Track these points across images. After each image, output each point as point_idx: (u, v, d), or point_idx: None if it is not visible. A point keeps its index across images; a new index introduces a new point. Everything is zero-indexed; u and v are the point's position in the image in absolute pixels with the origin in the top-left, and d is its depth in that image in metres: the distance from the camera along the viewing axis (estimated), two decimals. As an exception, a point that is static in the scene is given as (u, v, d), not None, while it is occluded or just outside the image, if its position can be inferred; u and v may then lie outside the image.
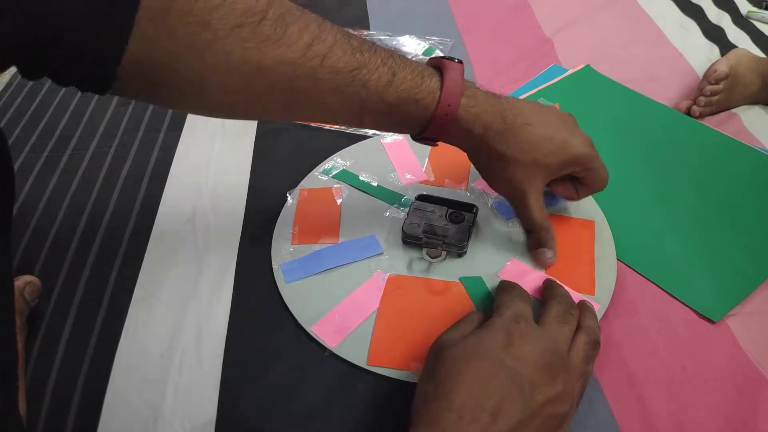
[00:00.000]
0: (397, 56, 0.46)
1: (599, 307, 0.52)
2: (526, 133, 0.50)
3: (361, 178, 0.65)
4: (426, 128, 0.48)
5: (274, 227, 0.61)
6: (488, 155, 0.50)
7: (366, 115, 0.46)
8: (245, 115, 0.48)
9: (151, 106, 0.80)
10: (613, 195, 0.62)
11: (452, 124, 0.47)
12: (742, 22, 0.92)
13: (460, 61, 0.48)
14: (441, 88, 0.46)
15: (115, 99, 0.82)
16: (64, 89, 0.84)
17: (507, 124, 0.49)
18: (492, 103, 0.49)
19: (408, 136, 0.51)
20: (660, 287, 0.55)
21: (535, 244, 0.55)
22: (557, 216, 0.60)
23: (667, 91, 0.78)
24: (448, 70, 0.47)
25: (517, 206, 0.54)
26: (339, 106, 0.44)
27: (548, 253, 0.55)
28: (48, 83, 0.86)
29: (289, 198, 0.63)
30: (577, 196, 0.56)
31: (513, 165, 0.50)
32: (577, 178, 0.55)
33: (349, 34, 0.44)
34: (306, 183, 0.65)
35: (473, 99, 0.48)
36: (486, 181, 0.55)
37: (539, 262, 0.55)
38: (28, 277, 0.55)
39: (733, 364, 0.49)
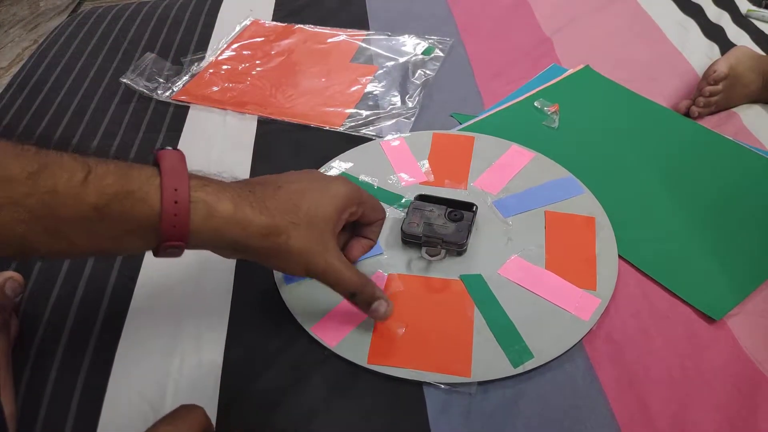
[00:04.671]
0: (94, 158, 0.37)
1: (600, 302, 0.52)
2: (285, 193, 0.44)
3: (360, 180, 0.65)
4: (162, 231, 0.38)
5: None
6: (261, 237, 0.42)
7: (68, 230, 0.36)
8: None
9: (151, 106, 0.80)
10: (613, 193, 0.62)
11: (189, 216, 0.39)
12: (741, 20, 0.92)
13: (176, 149, 0.41)
14: (160, 175, 0.38)
15: (116, 99, 0.82)
16: (65, 88, 0.84)
17: (261, 192, 0.43)
18: (225, 184, 0.42)
19: (405, 138, 0.48)
20: (661, 285, 0.55)
21: (365, 304, 0.48)
22: (558, 213, 0.60)
23: (666, 91, 0.78)
24: (163, 157, 0.39)
25: (326, 278, 0.46)
26: (26, 229, 0.34)
27: (383, 304, 0.48)
28: (49, 83, 0.86)
29: None
30: (375, 239, 0.52)
31: (293, 236, 0.43)
32: (356, 226, 0.51)
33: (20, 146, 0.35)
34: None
35: (204, 180, 0.41)
36: (284, 270, 0.48)
37: (379, 317, 0.49)
38: (8, 273, 0.55)
39: (733, 363, 0.49)
